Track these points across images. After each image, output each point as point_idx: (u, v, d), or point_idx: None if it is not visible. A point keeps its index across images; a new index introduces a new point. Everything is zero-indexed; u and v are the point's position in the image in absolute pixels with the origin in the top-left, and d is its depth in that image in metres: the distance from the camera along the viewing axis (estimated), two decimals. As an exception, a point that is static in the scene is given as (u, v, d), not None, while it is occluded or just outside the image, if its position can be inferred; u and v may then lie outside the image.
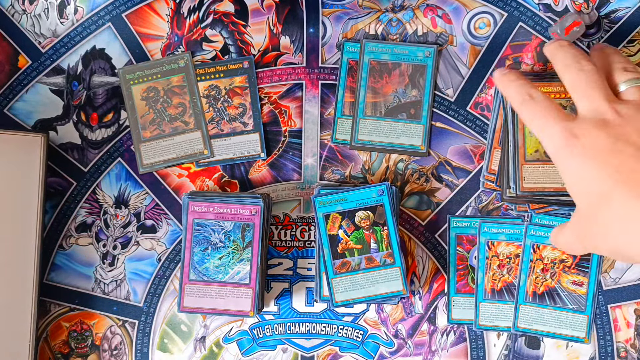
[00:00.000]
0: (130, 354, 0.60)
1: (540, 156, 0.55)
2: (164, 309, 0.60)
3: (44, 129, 0.60)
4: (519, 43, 0.59)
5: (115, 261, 0.60)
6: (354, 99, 0.59)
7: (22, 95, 0.60)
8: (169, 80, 0.60)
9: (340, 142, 0.60)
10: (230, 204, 0.57)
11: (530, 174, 0.55)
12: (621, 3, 0.59)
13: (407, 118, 0.59)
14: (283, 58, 0.60)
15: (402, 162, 0.60)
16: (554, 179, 0.55)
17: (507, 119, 0.56)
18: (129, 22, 0.60)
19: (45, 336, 0.60)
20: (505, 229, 0.58)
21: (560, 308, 0.57)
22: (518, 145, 0.55)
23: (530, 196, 0.55)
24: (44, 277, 0.60)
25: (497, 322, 0.58)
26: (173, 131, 0.60)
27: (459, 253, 0.59)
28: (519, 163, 0.55)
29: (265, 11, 0.60)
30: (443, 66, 0.59)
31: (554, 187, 0.55)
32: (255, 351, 0.60)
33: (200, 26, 0.60)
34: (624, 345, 0.59)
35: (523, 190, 0.55)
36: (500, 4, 0.59)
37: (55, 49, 0.60)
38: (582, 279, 0.57)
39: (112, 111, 0.60)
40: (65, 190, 0.60)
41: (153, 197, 0.60)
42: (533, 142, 0.55)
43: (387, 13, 0.60)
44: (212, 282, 0.57)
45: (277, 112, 0.60)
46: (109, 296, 0.60)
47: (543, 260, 0.57)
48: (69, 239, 0.60)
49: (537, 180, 0.55)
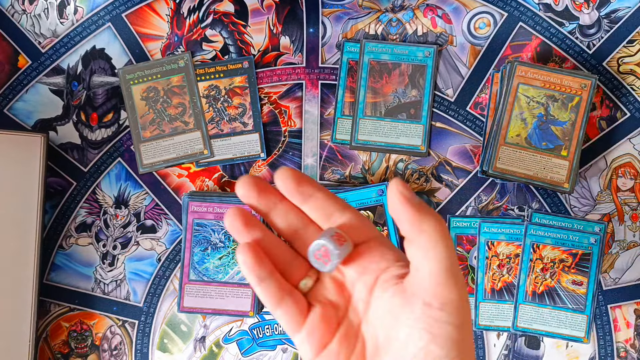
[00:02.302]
0: (130, 354, 0.60)
1: (520, 141, 0.56)
2: (164, 309, 0.60)
3: (44, 129, 0.60)
4: (519, 43, 0.59)
5: (115, 261, 0.60)
6: (354, 99, 0.59)
7: (22, 95, 0.60)
8: (169, 80, 0.60)
9: (340, 142, 0.60)
10: (230, 204, 0.57)
11: (507, 156, 0.57)
12: (621, 3, 0.59)
13: (407, 118, 0.59)
14: (283, 58, 0.60)
15: (402, 162, 0.60)
16: (528, 166, 0.56)
17: (500, 97, 0.56)
18: (129, 22, 0.60)
19: (45, 336, 0.60)
20: (505, 229, 0.58)
21: (559, 308, 0.57)
22: (502, 126, 0.56)
23: (500, 177, 0.57)
24: (44, 277, 0.60)
25: (496, 322, 0.58)
26: (173, 131, 0.60)
27: (459, 253, 0.59)
28: (497, 143, 0.56)
29: (265, 11, 0.60)
30: (443, 66, 0.59)
31: (525, 174, 0.56)
32: (255, 351, 0.60)
33: (200, 26, 0.60)
34: (624, 345, 0.59)
35: (495, 169, 0.57)
36: (500, 4, 0.59)
37: (55, 49, 0.60)
38: (581, 278, 0.57)
39: (112, 111, 0.60)
40: (65, 190, 0.60)
41: (153, 197, 0.60)
42: (517, 126, 0.56)
43: (387, 13, 0.60)
44: (212, 282, 0.57)
45: (277, 112, 0.60)
46: (109, 296, 0.60)
47: (543, 260, 0.57)
48: (69, 239, 0.60)
49: (511, 164, 0.57)
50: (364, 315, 0.35)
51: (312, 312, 0.35)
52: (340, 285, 0.35)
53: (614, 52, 0.59)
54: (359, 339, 0.35)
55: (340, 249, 0.33)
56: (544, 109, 0.57)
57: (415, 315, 0.32)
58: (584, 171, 0.59)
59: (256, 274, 0.34)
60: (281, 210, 0.35)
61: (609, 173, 0.59)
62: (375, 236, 0.36)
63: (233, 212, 0.35)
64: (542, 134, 0.57)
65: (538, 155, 0.57)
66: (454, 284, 0.31)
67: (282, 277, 0.35)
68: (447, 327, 0.31)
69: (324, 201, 0.35)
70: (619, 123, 0.59)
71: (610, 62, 0.59)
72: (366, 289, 0.35)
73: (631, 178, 0.59)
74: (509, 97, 0.57)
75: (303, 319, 0.35)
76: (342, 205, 0.35)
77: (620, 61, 0.59)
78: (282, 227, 0.36)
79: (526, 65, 0.57)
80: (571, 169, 0.57)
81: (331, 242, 0.33)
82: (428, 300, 0.31)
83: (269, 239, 0.36)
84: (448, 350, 0.31)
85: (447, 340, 0.31)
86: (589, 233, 0.57)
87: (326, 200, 0.35)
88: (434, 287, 0.31)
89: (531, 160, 0.57)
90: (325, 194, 0.35)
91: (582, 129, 0.57)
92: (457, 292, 0.31)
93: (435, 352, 0.31)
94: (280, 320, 0.35)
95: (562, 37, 0.59)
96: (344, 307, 0.35)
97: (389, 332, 0.33)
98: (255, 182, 0.35)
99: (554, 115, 0.57)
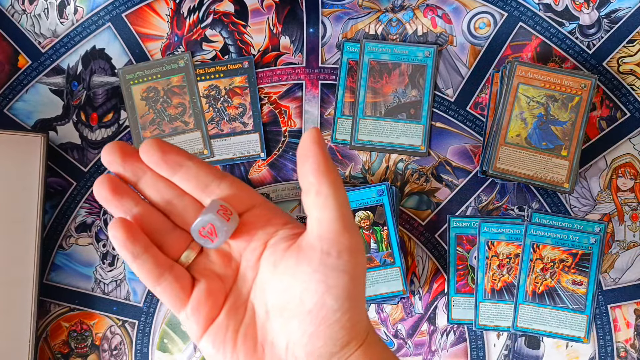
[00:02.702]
0: (130, 354, 0.60)
1: (520, 141, 0.56)
2: (164, 309, 0.60)
3: (44, 129, 0.60)
4: (519, 43, 0.59)
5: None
6: (354, 99, 0.59)
7: (22, 95, 0.60)
8: (168, 80, 0.60)
9: (340, 142, 0.60)
10: (230, 204, 0.57)
11: (507, 156, 0.56)
12: (621, 3, 0.59)
13: (407, 118, 0.59)
14: (283, 58, 0.60)
15: (402, 162, 0.60)
16: (528, 166, 0.56)
17: (500, 97, 0.56)
18: (129, 22, 0.60)
19: (45, 336, 0.60)
20: (505, 228, 0.58)
21: (559, 308, 0.57)
22: (502, 126, 0.56)
23: (500, 177, 0.57)
24: (44, 277, 0.60)
25: (496, 322, 0.58)
26: (173, 131, 0.60)
27: (459, 253, 0.59)
28: (497, 143, 0.56)
29: (265, 11, 0.60)
30: (443, 66, 0.59)
31: (525, 174, 0.56)
32: (255, 351, 0.60)
33: (200, 26, 0.60)
34: (624, 345, 0.59)
35: (495, 169, 0.57)
36: (500, 4, 0.59)
37: (55, 49, 0.60)
38: (581, 278, 0.57)
39: (112, 111, 0.60)
40: (65, 190, 0.60)
41: (153, 197, 0.60)
42: (517, 126, 0.56)
43: (387, 13, 0.60)
44: (212, 282, 0.57)
45: (277, 112, 0.60)
46: (109, 296, 0.60)
47: (543, 260, 0.57)
48: (69, 239, 0.60)
49: (511, 164, 0.57)
50: (253, 282, 0.34)
51: (197, 288, 0.33)
52: (226, 255, 0.34)
53: (614, 52, 0.59)
54: (249, 308, 0.34)
55: (227, 225, 0.32)
56: (544, 109, 0.57)
57: (313, 268, 0.31)
58: (584, 171, 0.59)
59: (130, 250, 0.32)
60: (150, 179, 0.34)
61: (609, 173, 0.59)
62: (259, 202, 0.35)
63: (100, 180, 0.33)
64: (542, 134, 0.57)
65: (538, 155, 0.57)
66: (350, 232, 0.32)
67: (160, 252, 0.33)
68: (342, 276, 0.31)
69: (197, 170, 0.33)
70: (619, 123, 0.59)
71: (610, 62, 0.59)
72: (255, 256, 0.34)
73: (631, 178, 0.59)
74: (509, 97, 0.57)
75: (187, 295, 0.33)
76: (218, 175, 0.34)
77: (620, 61, 0.59)
78: (154, 198, 0.34)
79: (526, 65, 0.57)
80: (571, 169, 0.57)
81: (217, 219, 0.32)
82: (327, 249, 0.31)
83: (143, 209, 0.34)
84: (342, 302, 0.31)
85: (341, 291, 0.31)
86: (589, 233, 0.57)
87: (199, 170, 0.33)
88: (333, 235, 0.31)
89: (531, 160, 0.57)
90: (197, 162, 0.34)
91: (582, 129, 0.57)
92: (353, 239, 0.32)
93: (329, 304, 0.31)
94: (162, 298, 0.33)
95: (562, 37, 0.59)
96: (231, 278, 0.34)
97: (281, 294, 0.33)
98: (120, 148, 0.33)
99: (554, 115, 0.57)
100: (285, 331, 0.33)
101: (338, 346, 0.32)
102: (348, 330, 0.32)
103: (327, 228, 0.31)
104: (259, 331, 0.34)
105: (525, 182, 0.57)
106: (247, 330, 0.33)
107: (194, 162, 0.34)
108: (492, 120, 0.58)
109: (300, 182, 0.32)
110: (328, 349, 0.32)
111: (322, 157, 0.31)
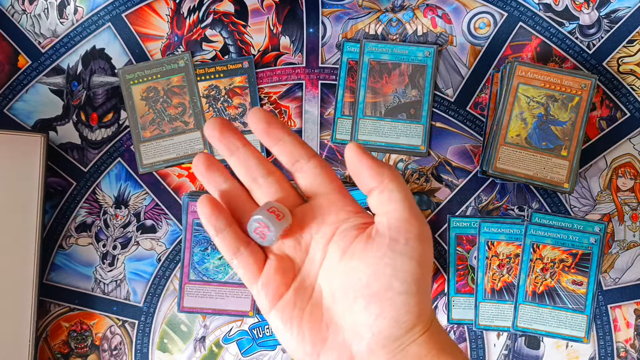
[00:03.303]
0: (130, 354, 0.60)
1: (520, 141, 0.56)
2: (164, 309, 0.60)
3: (44, 129, 0.60)
4: (519, 43, 0.59)
5: (115, 261, 0.60)
6: (353, 99, 0.59)
7: (22, 95, 0.60)
8: (168, 80, 0.60)
9: (340, 142, 0.60)
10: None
11: (507, 156, 0.56)
12: (621, 3, 0.59)
13: (407, 118, 0.59)
14: (283, 58, 0.60)
15: (402, 162, 0.60)
16: (528, 166, 0.56)
17: (500, 97, 0.56)
18: (129, 22, 0.60)
19: (45, 336, 0.60)
20: (505, 228, 0.58)
21: (559, 308, 0.57)
22: (502, 126, 0.56)
23: (500, 177, 0.57)
24: (44, 277, 0.60)
25: (496, 322, 0.58)
26: (173, 131, 0.60)
27: (459, 253, 0.59)
28: (497, 143, 0.56)
29: (265, 11, 0.60)
30: (443, 66, 0.59)
31: (525, 174, 0.56)
32: (255, 351, 0.60)
33: (200, 26, 0.60)
34: (624, 345, 0.59)
35: (495, 169, 0.57)
36: (500, 4, 0.59)
37: (55, 49, 0.60)
38: (581, 278, 0.57)
39: (112, 111, 0.60)
40: (65, 190, 0.60)
41: (153, 197, 0.60)
42: (517, 126, 0.56)
43: (387, 13, 0.60)
44: (212, 282, 0.57)
45: (277, 112, 0.60)
46: (109, 296, 0.60)
47: (543, 260, 0.57)
48: (69, 239, 0.60)
49: (511, 164, 0.57)
50: (321, 265, 0.36)
51: (268, 264, 0.36)
52: (297, 238, 0.37)
53: (614, 52, 0.59)
54: (316, 289, 0.36)
55: (279, 224, 0.35)
56: (544, 109, 0.57)
57: (381, 252, 0.33)
58: (584, 171, 0.59)
59: (213, 224, 0.36)
60: (242, 154, 0.37)
61: (609, 173, 0.59)
62: (337, 188, 0.37)
63: (197, 156, 0.37)
64: (542, 134, 0.57)
65: (538, 155, 0.57)
66: (418, 220, 0.34)
67: (239, 228, 0.36)
68: (410, 262, 0.33)
69: (292, 146, 0.36)
70: (619, 123, 0.59)
71: (610, 62, 0.59)
72: (324, 240, 0.36)
73: (631, 178, 0.59)
74: (509, 97, 0.57)
75: (259, 270, 0.36)
76: (309, 153, 0.36)
77: (620, 61, 0.59)
78: (242, 172, 0.37)
79: (526, 65, 0.57)
80: (571, 169, 0.57)
81: (268, 218, 0.34)
82: (395, 236, 0.33)
83: (231, 186, 0.37)
84: (408, 286, 0.33)
85: (408, 275, 0.33)
86: (589, 233, 0.57)
87: (295, 146, 0.36)
88: (400, 223, 0.33)
89: (531, 160, 0.57)
90: (294, 138, 0.36)
91: (582, 129, 0.57)
92: (421, 227, 0.34)
93: (395, 286, 0.33)
94: (238, 271, 0.36)
95: (562, 37, 0.59)
96: (300, 259, 0.36)
97: (348, 278, 0.34)
98: (220, 124, 0.36)
99: (554, 115, 0.57)
100: (351, 313, 0.34)
101: (403, 329, 0.33)
102: (413, 315, 0.33)
103: (394, 216, 0.33)
104: (324, 312, 0.35)
105: (525, 182, 0.57)
106: (314, 309, 0.35)
107: (292, 138, 0.36)
108: (492, 120, 0.58)
109: (364, 191, 0.35)
110: (393, 331, 0.33)
111: (371, 160, 0.34)
